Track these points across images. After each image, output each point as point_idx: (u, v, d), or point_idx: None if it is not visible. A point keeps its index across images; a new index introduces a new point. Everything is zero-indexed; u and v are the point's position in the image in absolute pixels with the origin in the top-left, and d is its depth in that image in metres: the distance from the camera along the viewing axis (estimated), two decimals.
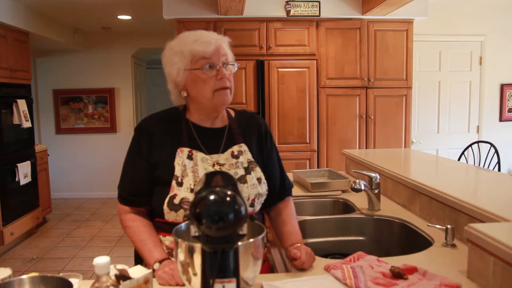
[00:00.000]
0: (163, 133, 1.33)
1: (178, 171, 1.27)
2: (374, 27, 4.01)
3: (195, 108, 1.34)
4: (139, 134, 1.35)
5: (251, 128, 1.42)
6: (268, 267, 1.43)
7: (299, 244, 1.30)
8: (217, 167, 1.29)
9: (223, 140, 1.35)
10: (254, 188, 1.31)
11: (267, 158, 1.43)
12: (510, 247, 0.98)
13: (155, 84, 7.82)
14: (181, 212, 1.24)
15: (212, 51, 1.26)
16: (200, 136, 1.33)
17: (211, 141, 1.34)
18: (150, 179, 1.31)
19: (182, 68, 1.28)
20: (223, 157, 1.32)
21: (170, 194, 1.25)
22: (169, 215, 1.27)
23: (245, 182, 1.30)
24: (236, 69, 1.33)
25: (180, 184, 1.26)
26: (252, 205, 1.32)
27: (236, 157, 1.33)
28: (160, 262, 1.21)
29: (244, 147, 1.35)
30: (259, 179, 1.33)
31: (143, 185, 1.32)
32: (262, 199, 1.36)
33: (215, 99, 1.28)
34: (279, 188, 1.45)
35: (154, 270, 1.20)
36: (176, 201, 1.24)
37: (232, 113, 1.43)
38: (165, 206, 1.26)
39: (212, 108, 1.32)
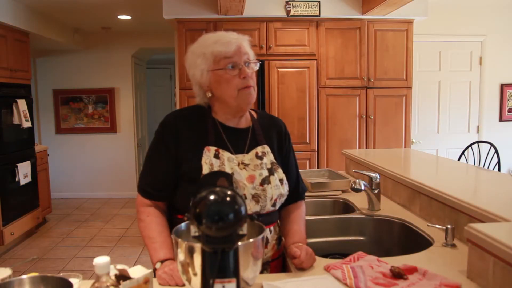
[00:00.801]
0: (189, 129, 1.34)
1: (205, 170, 1.27)
2: (374, 27, 4.01)
3: (220, 108, 1.36)
4: (165, 128, 1.35)
5: (272, 129, 1.44)
6: (281, 264, 1.43)
7: (300, 244, 1.30)
8: (241, 167, 1.31)
9: (248, 140, 1.37)
10: (277, 189, 1.33)
11: (284, 159, 1.45)
12: (510, 247, 0.98)
13: (155, 84, 7.82)
14: None
15: (234, 51, 1.28)
16: (227, 135, 1.35)
17: (236, 141, 1.36)
18: (174, 174, 1.31)
19: (205, 69, 1.30)
20: (248, 158, 1.34)
21: None
22: None
23: (269, 183, 1.32)
24: (258, 67, 1.36)
25: None
26: (274, 205, 1.34)
27: (260, 158, 1.35)
28: (162, 262, 1.21)
29: (267, 148, 1.38)
30: (281, 180, 1.35)
31: (167, 180, 1.32)
32: (283, 199, 1.39)
33: (240, 98, 1.30)
34: (293, 190, 1.46)
35: (156, 270, 1.20)
36: None
37: (254, 114, 1.46)
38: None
39: (237, 108, 1.33)
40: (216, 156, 1.30)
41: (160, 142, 1.35)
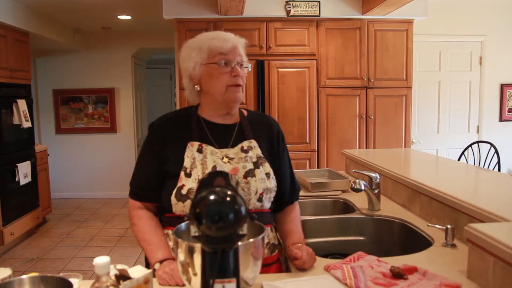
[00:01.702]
0: (174, 130, 1.37)
1: (187, 163, 1.29)
2: (374, 27, 4.01)
3: (207, 103, 1.38)
4: (151, 131, 1.39)
5: (262, 127, 1.44)
6: (279, 269, 1.42)
7: (300, 244, 1.30)
8: (225, 160, 1.32)
9: (233, 135, 1.38)
10: (262, 182, 1.32)
11: (279, 160, 1.44)
12: (510, 247, 0.98)
13: (155, 84, 7.82)
14: (188, 203, 1.25)
15: (229, 49, 1.31)
16: (211, 131, 1.36)
17: (221, 136, 1.37)
18: (160, 174, 1.34)
19: (199, 62, 1.32)
20: (233, 151, 1.34)
21: (178, 184, 1.27)
22: (177, 207, 1.28)
23: (254, 176, 1.31)
24: (249, 70, 1.38)
25: (188, 175, 1.28)
26: (260, 199, 1.32)
27: (246, 151, 1.35)
28: (161, 262, 1.22)
29: (254, 143, 1.38)
30: (267, 174, 1.34)
31: (153, 180, 1.35)
32: (271, 195, 1.36)
33: (227, 95, 1.32)
34: (289, 192, 1.46)
35: (155, 270, 1.21)
36: (184, 191, 1.26)
37: (245, 112, 1.46)
38: (172, 197, 1.27)
39: (223, 104, 1.35)
40: (199, 150, 1.31)
41: (146, 145, 1.39)
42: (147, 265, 1.31)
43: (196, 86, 1.35)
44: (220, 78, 1.30)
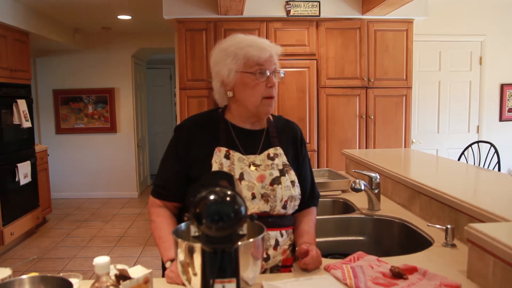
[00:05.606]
0: (201, 133, 1.37)
1: (215, 168, 1.29)
2: (374, 27, 4.01)
3: (237, 110, 1.37)
4: (178, 133, 1.39)
5: (287, 133, 1.45)
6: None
7: (306, 244, 1.29)
8: (252, 168, 1.32)
9: (261, 142, 1.38)
10: (288, 190, 1.32)
11: (300, 165, 1.44)
12: (510, 247, 0.98)
13: (155, 84, 7.82)
14: None
15: (266, 58, 1.30)
16: (239, 136, 1.36)
17: (249, 142, 1.37)
18: (183, 177, 1.34)
19: (234, 69, 1.31)
20: (259, 158, 1.34)
21: None
22: None
23: (279, 183, 1.32)
24: (282, 76, 1.37)
25: None
26: (284, 207, 1.33)
27: (272, 159, 1.35)
28: (172, 261, 1.22)
29: (280, 150, 1.38)
30: (292, 182, 1.35)
31: (174, 181, 1.36)
32: (296, 202, 1.37)
33: (261, 107, 1.32)
34: (308, 195, 1.47)
35: (166, 269, 1.22)
36: None
37: (271, 117, 1.47)
38: None
39: (255, 114, 1.35)
40: (227, 156, 1.31)
41: (172, 146, 1.39)
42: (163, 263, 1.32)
43: (228, 92, 1.34)
44: (255, 88, 1.29)
